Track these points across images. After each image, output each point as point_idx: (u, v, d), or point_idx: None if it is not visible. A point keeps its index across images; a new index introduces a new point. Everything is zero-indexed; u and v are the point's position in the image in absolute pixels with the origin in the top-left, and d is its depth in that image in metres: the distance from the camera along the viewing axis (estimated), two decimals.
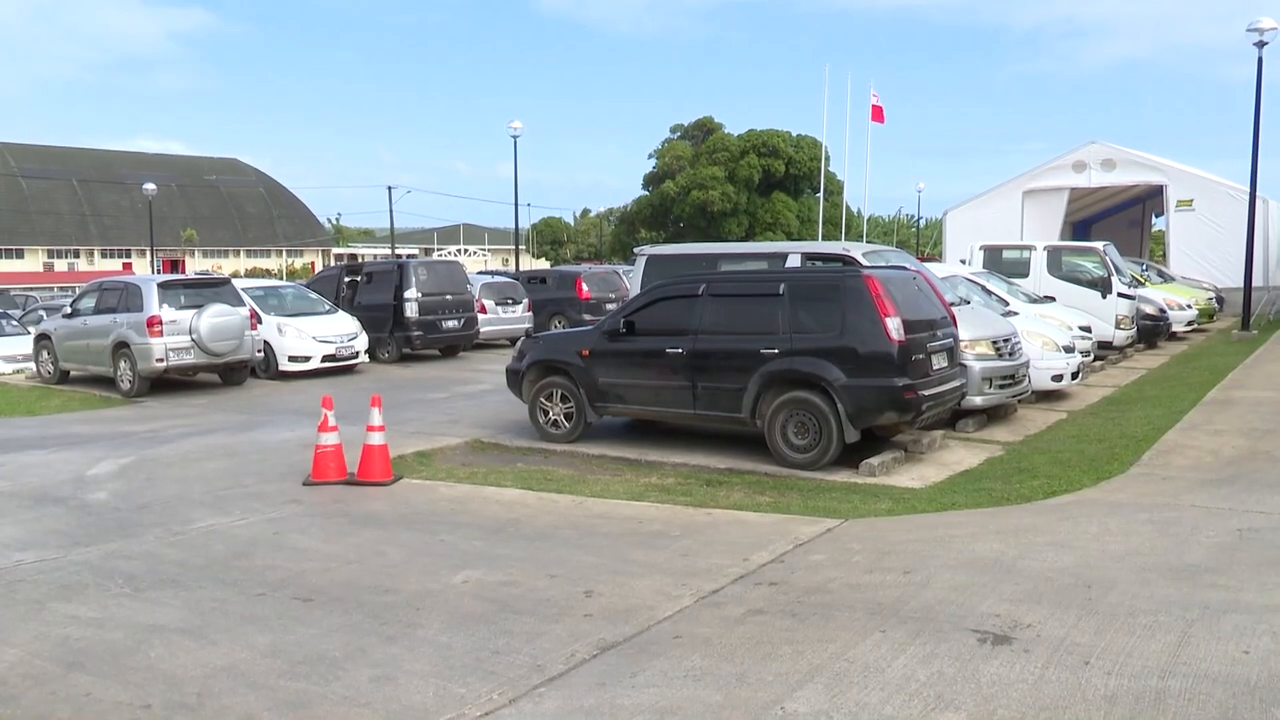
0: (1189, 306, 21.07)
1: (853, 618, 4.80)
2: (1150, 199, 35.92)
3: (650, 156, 69.33)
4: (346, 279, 20.06)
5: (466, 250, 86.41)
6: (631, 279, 12.56)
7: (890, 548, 6.11)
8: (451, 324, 18.86)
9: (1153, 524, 6.38)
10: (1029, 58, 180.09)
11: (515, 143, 34.80)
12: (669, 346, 9.49)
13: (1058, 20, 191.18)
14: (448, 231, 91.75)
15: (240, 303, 15.03)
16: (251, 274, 61.73)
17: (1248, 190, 21.67)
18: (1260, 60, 20.10)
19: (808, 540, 6.30)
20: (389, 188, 58.63)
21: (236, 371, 15.22)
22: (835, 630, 4.65)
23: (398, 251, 61.76)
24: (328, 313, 17.27)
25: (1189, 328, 20.99)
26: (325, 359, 16.24)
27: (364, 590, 5.51)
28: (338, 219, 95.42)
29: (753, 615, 4.91)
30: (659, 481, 8.51)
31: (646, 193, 68.94)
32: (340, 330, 16.75)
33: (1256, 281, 22.21)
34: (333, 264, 45.68)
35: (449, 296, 18.95)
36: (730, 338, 9.24)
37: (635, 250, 13.02)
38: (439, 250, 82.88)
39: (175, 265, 68.46)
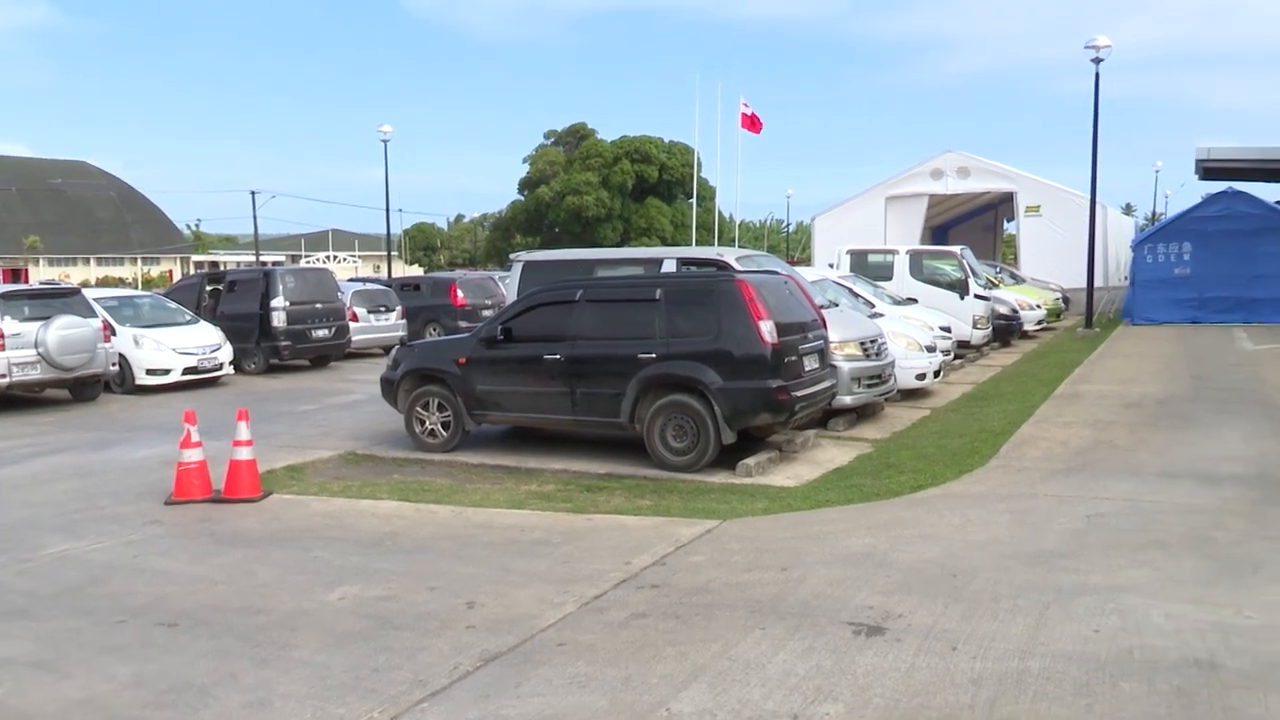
0: (1038, 306, 22.33)
1: (734, 616, 4.90)
2: (1002, 205, 37.85)
3: (524, 161, 68.99)
4: (208, 288, 19.26)
5: (336, 257, 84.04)
6: (507, 285, 12.48)
7: (768, 546, 6.25)
8: (321, 333, 18.33)
9: (1011, 514, 6.73)
10: (889, 69, 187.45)
11: (386, 147, 34.18)
12: (547, 353, 9.47)
13: (915, 34, 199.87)
14: (316, 238, 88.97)
15: (91, 313, 14.21)
16: (104, 283, 58.38)
17: (1088, 197, 23.07)
18: (1097, 75, 21.48)
19: (688, 542, 6.38)
20: (252, 193, 56.50)
21: (89, 387, 14.38)
22: (717, 629, 4.73)
23: (263, 259, 59.57)
24: (189, 323, 16.52)
25: (1039, 326, 22.25)
26: (186, 372, 15.52)
27: (233, 612, 5.30)
28: (197, 225, 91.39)
29: (636, 619, 4.95)
30: (539, 489, 8.48)
31: (521, 198, 68.56)
32: (202, 341, 16.05)
33: (1098, 283, 23.69)
34: (193, 272, 43.73)
35: (318, 305, 18.41)
36: (608, 343, 9.28)
37: (511, 256, 12.95)
38: (307, 257, 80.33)
39: (17, 275, 64.14)
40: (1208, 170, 28.45)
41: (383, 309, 21.01)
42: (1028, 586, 5.16)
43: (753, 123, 33.36)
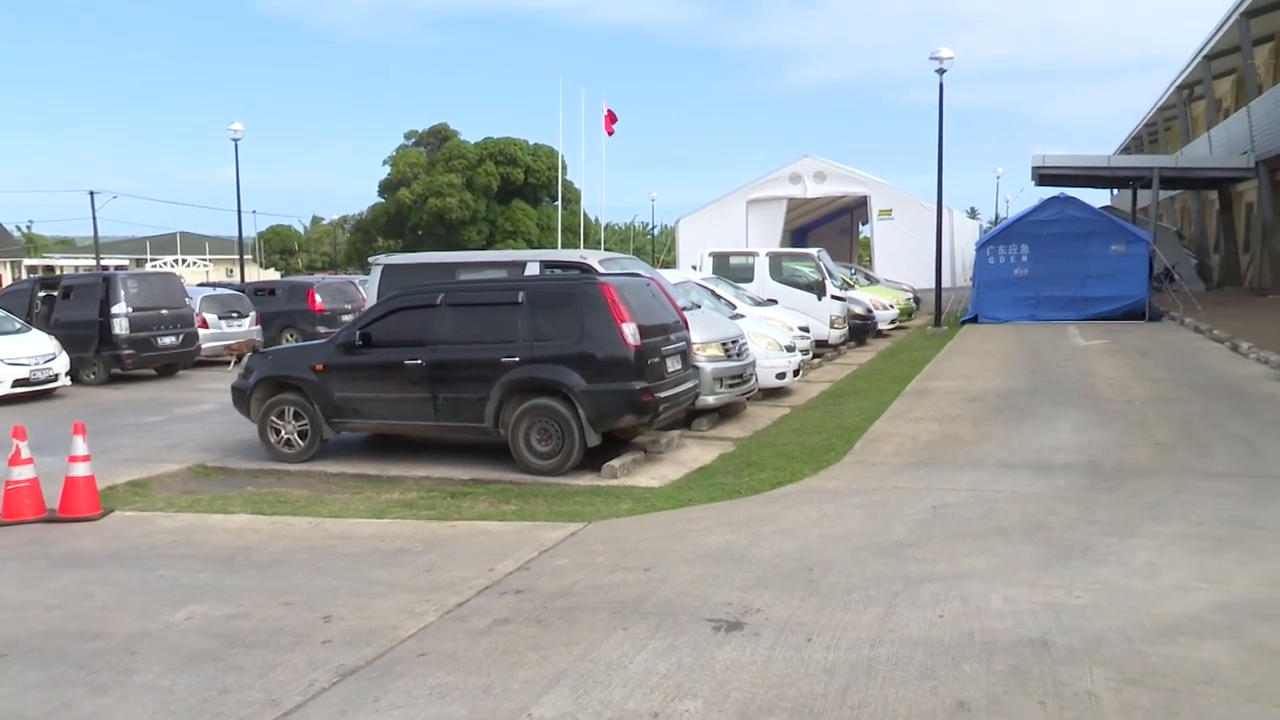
0: (891, 306, 23.27)
1: (597, 618, 4.92)
2: (857, 209, 39.32)
3: (385, 163, 67.54)
4: (41, 294, 18.10)
5: (185, 260, 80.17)
6: (367, 289, 12.18)
7: (632, 547, 6.30)
8: (168, 340, 17.47)
9: (863, 507, 6.99)
10: (748, 76, 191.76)
11: (236, 146, 32.79)
12: (408, 358, 9.30)
13: (771, 43, 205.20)
14: (163, 240, 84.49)
15: None
16: None
17: (935, 202, 24.18)
18: (941, 86, 22.55)
19: (552, 546, 6.37)
20: (91, 193, 53.03)
21: None
22: (580, 632, 4.74)
23: (104, 262, 56.22)
24: (19, 331, 15.46)
25: (892, 325, 23.19)
26: (17, 383, 14.52)
27: (68, 638, 4.99)
28: (29, 227, 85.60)
29: (498, 625, 4.91)
30: (401, 497, 8.32)
31: (382, 200, 67.06)
32: (34, 351, 15.05)
33: (945, 283, 24.87)
34: (25, 277, 40.87)
35: (164, 311, 17.53)
36: (470, 347, 9.19)
37: (370, 259, 12.65)
38: (153, 261, 76.37)
39: None
40: (1043, 176, 30.28)
41: (235, 315, 20.19)
42: (878, 577, 5.38)
43: (610, 122, 33.58)
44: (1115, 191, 41.68)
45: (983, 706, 3.76)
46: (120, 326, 16.68)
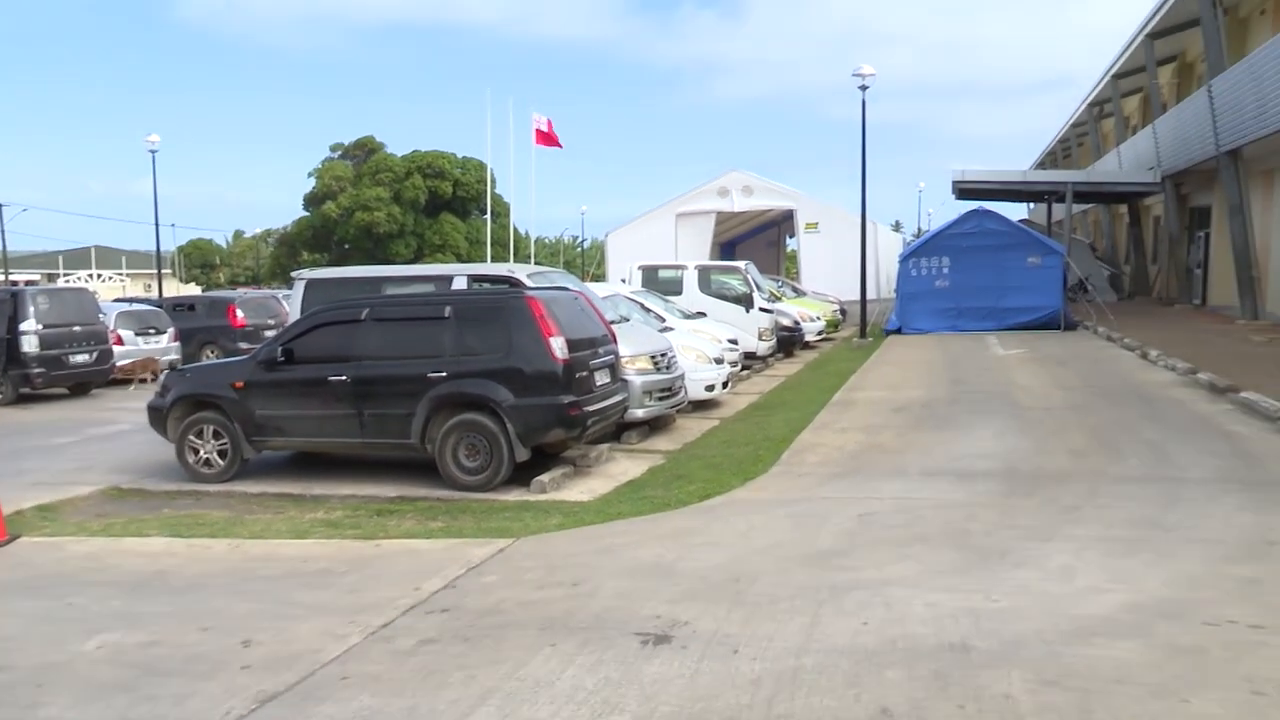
0: (818, 318, 23.62)
1: (524, 635, 4.88)
2: (784, 222, 39.87)
3: (310, 176, 66.33)
4: None
5: (100, 275, 77.65)
6: (290, 304, 11.94)
7: (560, 562, 6.27)
8: (81, 358, 16.87)
9: (790, 517, 7.07)
10: (675, 91, 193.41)
11: (154, 158, 32.00)
12: (332, 374, 9.14)
13: (698, 58, 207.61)
14: (77, 255, 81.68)
15: None
16: None
17: (860, 215, 24.64)
18: (864, 102, 23.03)
19: (480, 563, 6.30)
20: None
21: None
22: (508, 650, 4.69)
23: (12, 277, 54.15)
24: None
25: (819, 337, 23.52)
26: None
27: None
28: None
29: (424, 645, 4.84)
30: (325, 516, 8.15)
31: (307, 213, 65.82)
32: None
33: (870, 295, 25.34)
34: None
35: (77, 328, 16.93)
36: (396, 362, 9.06)
37: (293, 274, 12.42)
38: (66, 276, 73.79)
39: None
40: (963, 190, 31.06)
41: (152, 331, 19.61)
42: (805, 586, 5.43)
43: (549, 138, 33.51)
44: (1032, 205, 42.97)
45: (905, 712, 3.82)
46: (29, 344, 16.07)
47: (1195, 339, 18.08)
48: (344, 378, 9.08)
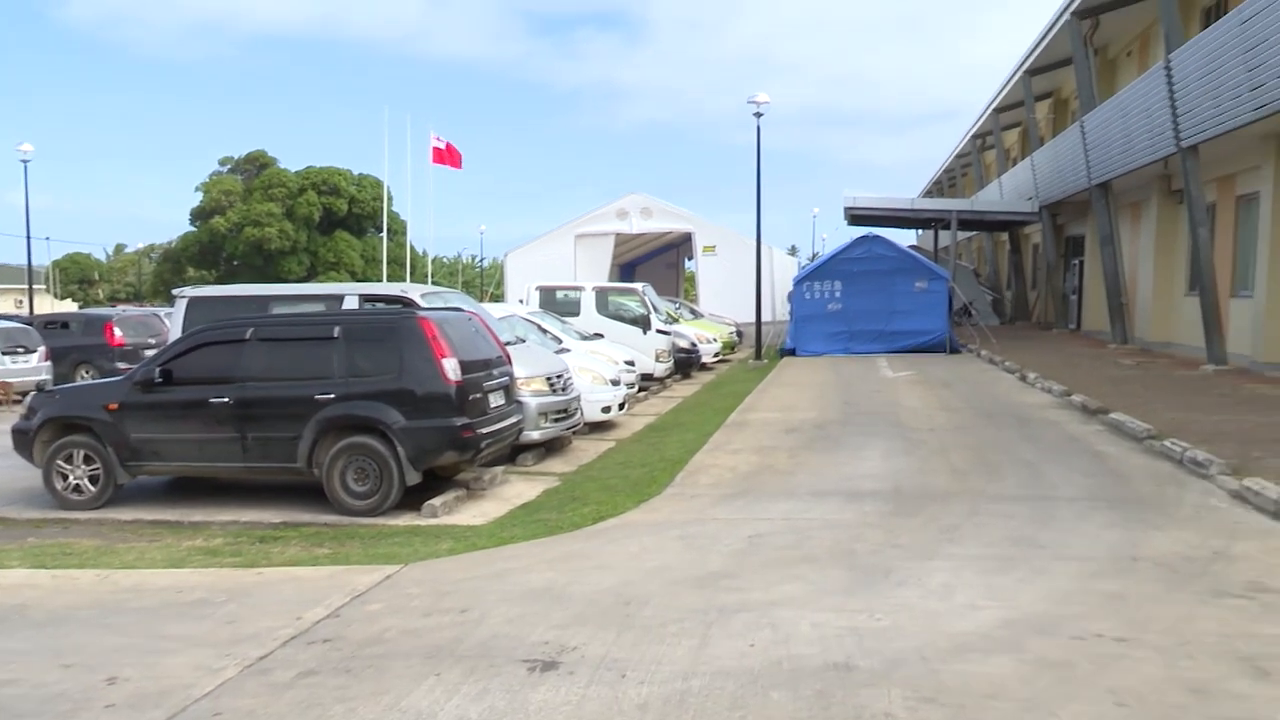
0: (715, 340, 23.92)
1: (408, 665, 4.76)
2: (683, 245, 40.29)
3: (197, 190, 64.15)
4: None
5: None
6: (172, 323, 11.49)
7: (449, 588, 6.16)
8: None
9: (682, 539, 7.10)
10: (575, 113, 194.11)
11: (26, 168, 30.48)
12: (214, 395, 8.83)
13: (599, 80, 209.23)
14: None
15: None
16: None
17: (754, 239, 25.10)
18: (759, 129, 23.53)
19: (365, 590, 6.15)
20: None
21: None
22: (390, 681, 4.57)
23: None
24: None
25: (715, 359, 23.82)
26: None
27: None
28: None
29: (303, 678, 4.68)
30: (204, 543, 7.84)
31: (194, 228, 63.57)
32: None
33: (766, 317, 25.80)
34: None
35: None
36: (282, 384, 8.81)
37: (175, 291, 11.97)
38: None
39: None
40: (854, 217, 31.98)
41: (20, 350, 18.61)
42: (694, 608, 5.45)
43: (450, 156, 33.18)
44: (920, 232, 44.53)
45: None
46: None
47: (1070, 362, 18.95)
48: (227, 399, 8.78)
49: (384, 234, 43.21)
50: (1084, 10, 22.32)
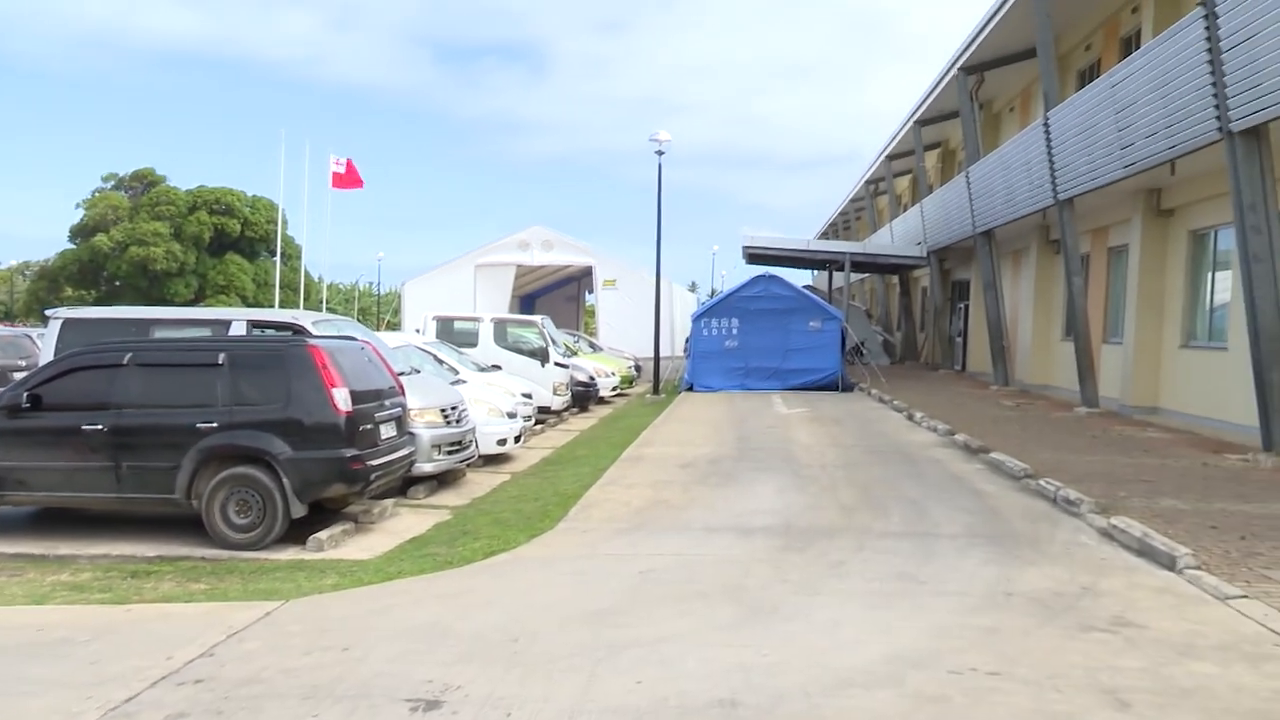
0: (613, 374, 24.00)
1: (284, 706, 4.60)
2: (584, 278, 40.44)
3: (79, 206, 61.42)
4: None
5: None
6: (44, 345, 10.95)
7: (331, 625, 5.98)
8: None
9: (573, 574, 7.07)
10: (476, 144, 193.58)
11: None
12: (86, 423, 8.43)
13: (500, 113, 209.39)
14: None
15: None
16: None
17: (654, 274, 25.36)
18: (660, 166, 23.87)
19: (242, 628, 5.92)
20: None
21: None
22: None
23: None
24: None
25: (614, 392, 23.88)
26: None
27: None
28: None
29: None
30: (71, 578, 7.44)
31: (74, 246, 60.77)
32: None
33: (665, 352, 26.03)
34: None
35: None
36: (161, 411, 8.48)
37: (48, 312, 11.42)
38: None
39: None
40: (752, 255, 32.64)
41: None
42: (583, 645, 5.42)
43: (349, 179, 32.59)
44: (815, 272, 45.66)
45: None
46: None
47: (955, 402, 19.64)
48: (100, 427, 8.40)
49: (278, 258, 42.12)
50: (970, 66, 23.44)
